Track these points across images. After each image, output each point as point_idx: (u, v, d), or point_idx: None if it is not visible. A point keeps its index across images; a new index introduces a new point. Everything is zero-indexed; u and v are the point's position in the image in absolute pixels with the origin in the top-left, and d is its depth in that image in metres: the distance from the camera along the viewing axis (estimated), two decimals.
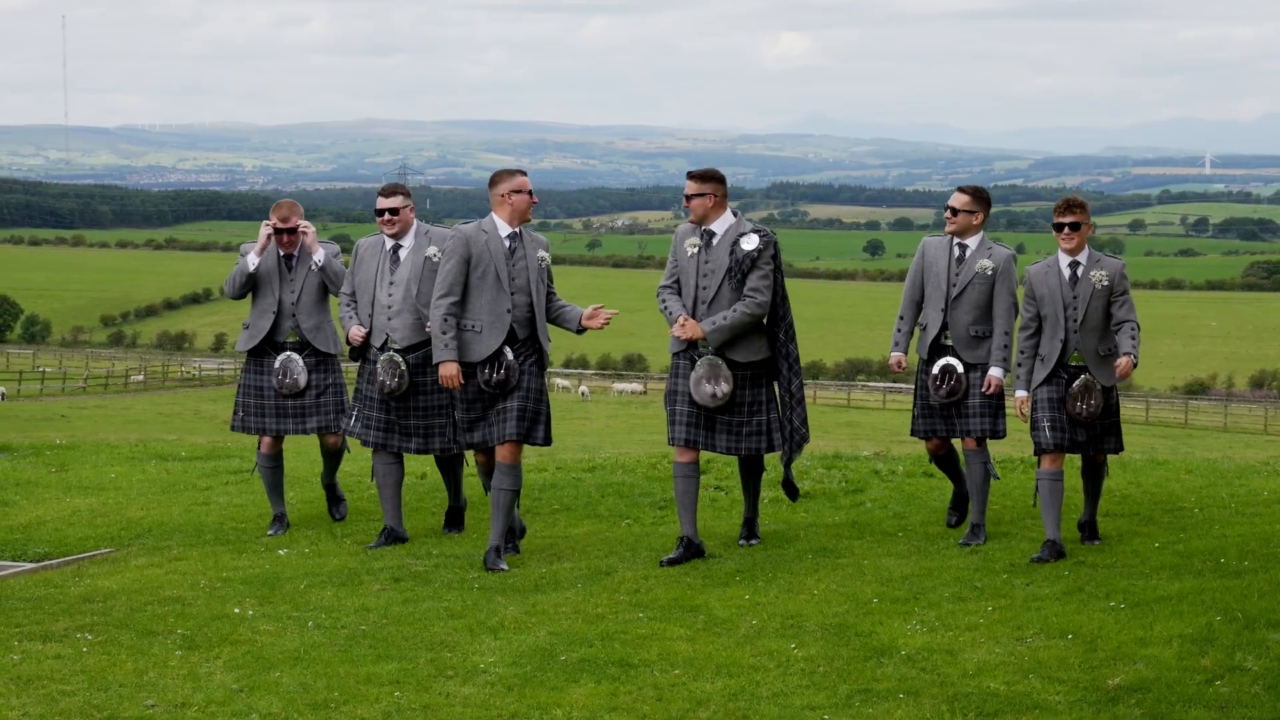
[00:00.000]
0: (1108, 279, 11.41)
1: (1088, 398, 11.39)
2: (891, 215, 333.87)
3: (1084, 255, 11.51)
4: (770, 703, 8.07)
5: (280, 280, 12.70)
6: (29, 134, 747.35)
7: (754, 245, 11.27)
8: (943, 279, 12.04)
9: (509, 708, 8.02)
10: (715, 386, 11.32)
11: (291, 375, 12.69)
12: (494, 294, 11.39)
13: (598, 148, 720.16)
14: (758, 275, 11.29)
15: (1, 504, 14.97)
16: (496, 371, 11.36)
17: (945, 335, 12.07)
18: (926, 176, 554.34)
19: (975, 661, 8.72)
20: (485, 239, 11.43)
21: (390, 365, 12.04)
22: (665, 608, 10.09)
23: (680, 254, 11.55)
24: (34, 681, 8.46)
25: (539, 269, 11.49)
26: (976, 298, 11.98)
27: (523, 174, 11.72)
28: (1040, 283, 11.49)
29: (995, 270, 11.96)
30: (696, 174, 11.56)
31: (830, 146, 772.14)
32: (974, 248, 12.07)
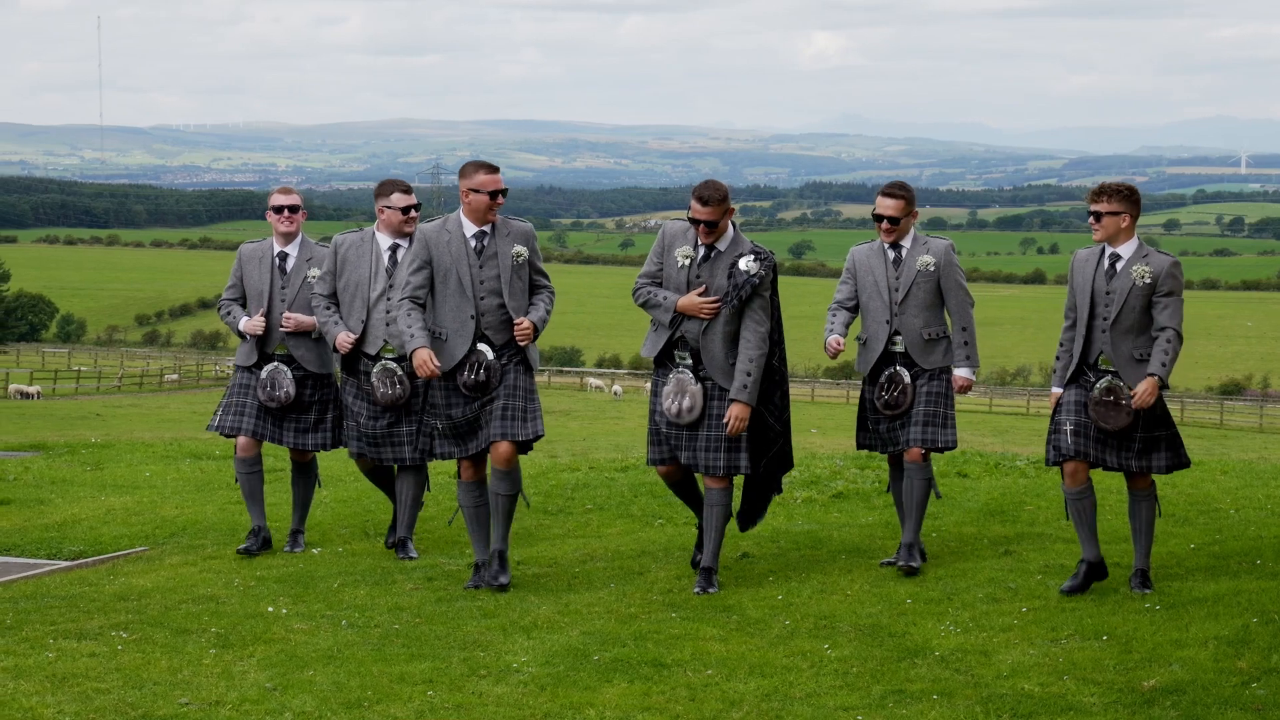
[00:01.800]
0: (1150, 276, 10.12)
1: (1110, 408, 10.17)
2: (924, 215, 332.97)
3: (1128, 247, 10.24)
4: (803, 703, 8.06)
5: (272, 293, 11.95)
6: (64, 134, 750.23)
7: (754, 269, 10.39)
8: (882, 287, 11.15)
9: (542, 707, 8.01)
10: (681, 401, 10.54)
11: (281, 388, 11.94)
12: (457, 300, 10.60)
13: (630, 147, 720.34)
14: (759, 303, 10.45)
15: (37, 502, 15.02)
16: (475, 374, 10.60)
17: (894, 343, 11.14)
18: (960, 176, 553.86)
19: (1009, 663, 8.69)
20: (446, 240, 10.64)
21: (386, 375, 11.50)
22: (698, 608, 10.08)
23: (669, 260, 10.65)
24: (69, 679, 8.48)
25: (511, 267, 10.65)
26: (924, 298, 11.13)
27: (489, 170, 10.80)
28: (1079, 271, 10.40)
29: (937, 264, 11.15)
30: (706, 196, 10.38)
31: (863, 146, 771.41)
32: (909, 247, 11.22)
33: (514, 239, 10.71)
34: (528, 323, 10.63)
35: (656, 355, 10.72)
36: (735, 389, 10.39)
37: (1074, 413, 10.25)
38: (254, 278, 12.00)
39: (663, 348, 10.65)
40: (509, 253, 10.67)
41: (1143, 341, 10.19)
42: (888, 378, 11.13)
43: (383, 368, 11.50)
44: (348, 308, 11.61)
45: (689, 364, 10.56)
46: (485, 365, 10.61)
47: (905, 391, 11.06)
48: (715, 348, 10.49)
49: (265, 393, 11.94)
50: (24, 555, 12.56)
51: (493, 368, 10.62)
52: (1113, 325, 10.16)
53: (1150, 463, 10.32)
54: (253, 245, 12.17)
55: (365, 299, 11.55)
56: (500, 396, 10.66)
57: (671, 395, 10.59)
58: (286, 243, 12.00)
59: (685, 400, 10.53)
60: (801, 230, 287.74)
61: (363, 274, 11.57)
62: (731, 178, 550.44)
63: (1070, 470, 10.27)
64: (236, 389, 12.08)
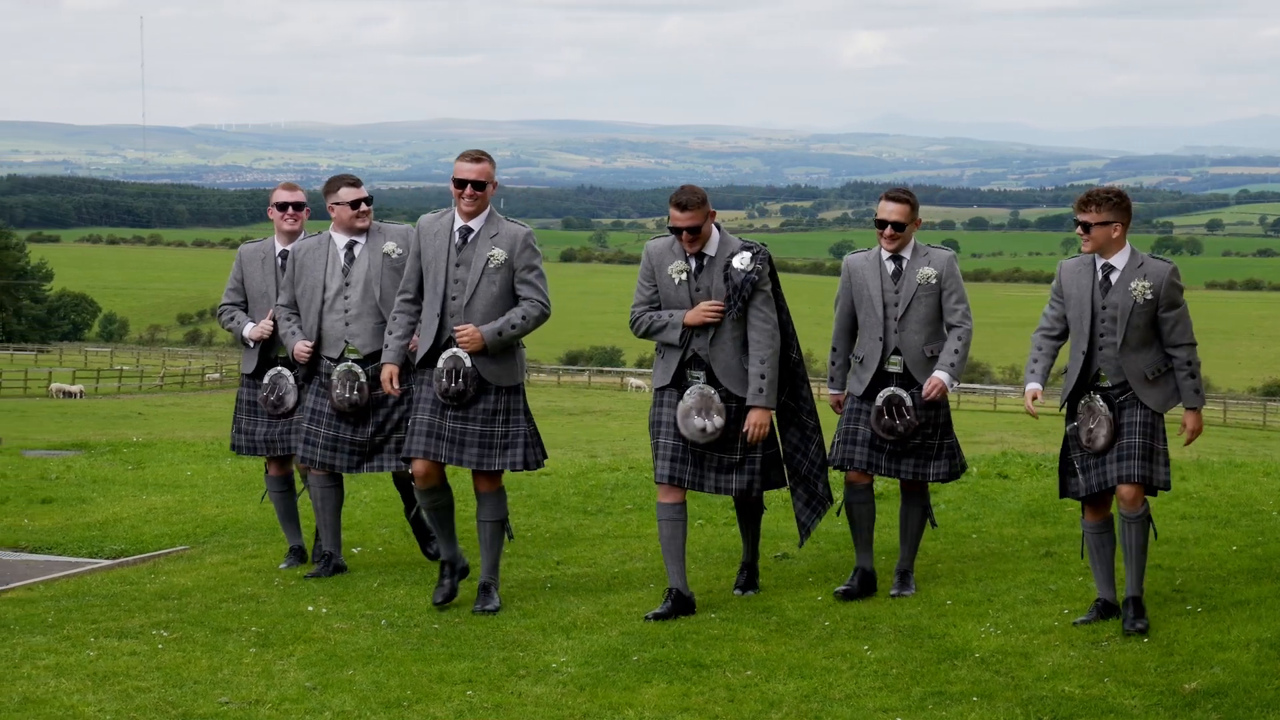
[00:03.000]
0: (1151, 291, 9.37)
1: (1089, 422, 9.52)
2: (966, 215, 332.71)
3: (1121, 257, 9.49)
4: (843, 704, 8.04)
5: (274, 295, 11.43)
6: (107, 134, 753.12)
7: (749, 266, 9.87)
8: (877, 301, 10.33)
9: (581, 707, 8.02)
10: (706, 420, 9.94)
11: (278, 393, 11.36)
12: (430, 296, 10.06)
13: (671, 147, 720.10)
14: (761, 299, 9.94)
15: (79, 501, 15.08)
16: (454, 381, 9.96)
17: (891, 362, 10.32)
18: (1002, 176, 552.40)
19: (1050, 665, 8.67)
20: (436, 231, 10.11)
21: (348, 377, 10.88)
22: (737, 608, 10.07)
23: (663, 280, 10.04)
24: (110, 678, 8.51)
25: (483, 270, 9.96)
26: (925, 313, 10.33)
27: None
28: (1071, 283, 9.60)
29: (940, 277, 10.35)
30: (684, 201, 9.88)
31: (904, 146, 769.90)
32: (910, 257, 10.41)
33: (499, 240, 10.02)
34: (469, 329, 9.91)
35: (669, 382, 10.09)
36: (751, 394, 9.92)
37: (1078, 448, 9.63)
38: (256, 279, 11.54)
39: (675, 372, 10.05)
40: (485, 254, 10.00)
41: (1153, 358, 9.47)
42: (886, 400, 10.30)
43: (347, 369, 10.90)
44: (305, 311, 11.05)
45: (703, 381, 10.01)
46: (463, 373, 9.96)
47: (908, 416, 10.26)
48: (727, 356, 9.96)
49: (263, 396, 11.43)
50: (66, 554, 12.61)
51: (470, 376, 9.96)
52: (1121, 347, 9.41)
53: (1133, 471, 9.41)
54: (253, 245, 11.72)
55: (320, 301, 10.97)
56: (478, 420, 10.05)
57: (695, 411, 9.96)
58: (289, 241, 11.48)
59: (715, 418, 9.93)
60: (843, 230, 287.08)
61: (318, 277, 10.99)
62: (772, 178, 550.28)
63: (1093, 508, 9.69)
64: (244, 406, 11.61)
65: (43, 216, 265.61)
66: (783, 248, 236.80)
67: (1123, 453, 9.43)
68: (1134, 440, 9.42)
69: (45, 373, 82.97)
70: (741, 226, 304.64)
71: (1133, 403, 9.46)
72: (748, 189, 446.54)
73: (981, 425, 55.74)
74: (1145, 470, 9.41)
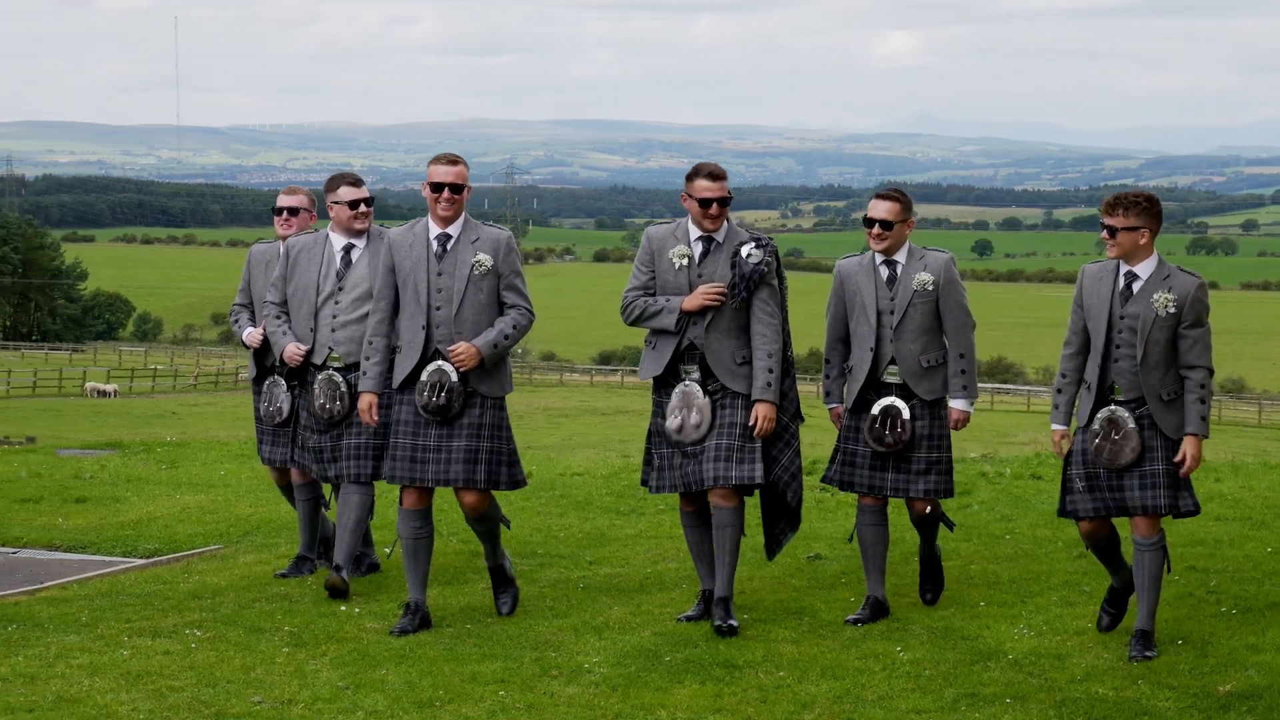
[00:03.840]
0: (1175, 305, 8.81)
1: (1110, 437, 8.93)
2: (1000, 215, 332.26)
3: (1146, 266, 8.90)
4: (875, 706, 8.03)
5: None
6: (142, 134, 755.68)
7: (759, 257, 9.49)
8: (871, 309, 9.73)
9: (613, 708, 8.01)
10: (685, 417, 9.54)
11: (275, 403, 10.98)
12: (412, 309, 9.59)
13: (704, 147, 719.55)
14: (768, 292, 9.55)
15: (113, 500, 15.12)
16: (435, 396, 9.52)
17: (889, 373, 9.74)
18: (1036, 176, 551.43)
19: (1084, 667, 8.64)
20: (410, 242, 9.67)
21: (329, 386, 10.46)
22: (770, 609, 10.06)
23: (663, 265, 9.67)
24: (143, 677, 8.54)
25: (468, 276, 9.56)
26: (922, 321, 9.73)
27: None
28: (1092, 290, 9.03)
29: (937, 283, 9.72)
30: (716, 170, 9.62)
31: (938, 146, 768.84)
32: (905, 261, 9.78)
33: (482, 246, 9.62)
34: (464, 347, 9.50)
35: (660, 374, 9.68)
36: (758, 389, 9.48)
37: (1086, 464, 9.05)
38: (260, 283, 11.24)
39: (667, 363, 9.64)
40: (469, 260, 9.59)
41: (1171, 378, 8.87)
42: (884, 410, 9.74)
43: (328, 378, 10.48)
44: (295, 314, 10.68)
45: (696, 378, 9.58)
46: (448, 388, 9.52)
47: (904, 428, 9.67)
48: (721, 346, 9.54)
49: (264, 409, 11.10)
50: (100, 553, 12.65)
51: (455, 390, 9.53)
52: (1142, 362, 8.83)
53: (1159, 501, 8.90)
54: (264, 247, 11.40)
55: (312, 304, 10.58)
56: (463, 435, 9.59)
57: (677, 410, 9.58)
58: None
59: (693, 415, 9.53)
60: None
61: (311, 277, 10.60)
62: (805, 178, 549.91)
63: (1088, 530, 9.20)
64: (258, 415, 11.34)
65: (78, 216, 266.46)
66: (816, 248, 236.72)
67: (1146, 479, 8.91)
68: (1157, 467, 8.89)
69: (80, 372, 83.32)
70: (775, 226, 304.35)
71: (1152, 424, 8.91)
72: (781, 189, 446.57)
73: (1015, 425, 55.68)
74: (1171, 499, 8.90)
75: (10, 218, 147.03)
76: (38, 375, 79.49)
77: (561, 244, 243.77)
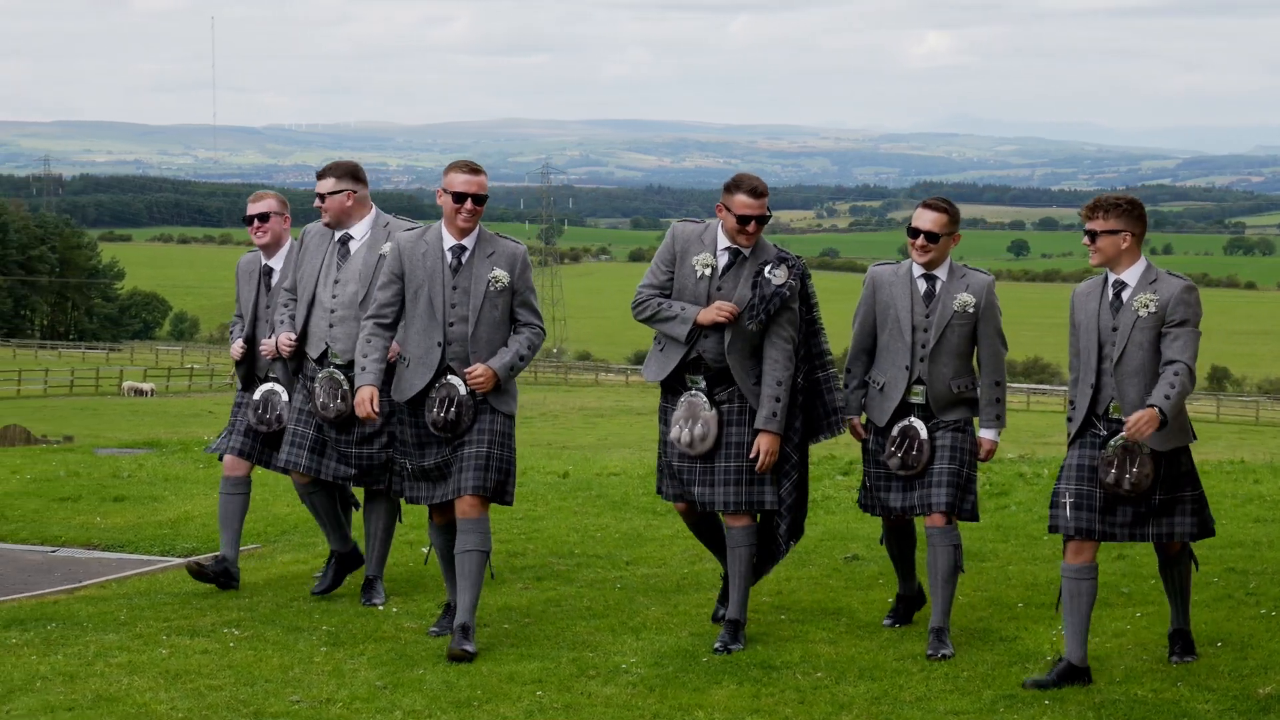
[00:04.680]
0: (1156, 304, 8.38)
1: (1128, 465, 8.39)
2: (1036, 215, 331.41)
3: (1133, 272, 8.49)
4: (913, 707, 8.02)
5: (256, 311, 10.79)
6: (178, 133, 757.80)
7: (784, 279, 9.08)
8: (906, 325, 9.25)
9: (651, 708, 8.01)
10: (690, 430, 9.19)
11: (274, 410, 10.57)
12: (424, 322, 9.23)
13: (740, 147, 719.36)
14: (787, 316, 9.14)
15: (150, 499, 15.16)
16: (445, 411, 9.18)
17: (914, 393, 9.28)
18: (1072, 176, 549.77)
19: (1123, 669, 8.62)
20: (423, 252, 9.26)
21: (330, 384, 10.08)
22: (807, 610, 10.05)
23: (684, 269, 9.24)
24: (182, 676, 8.56)
25: (485, 293, 9.21)
26: (958, 344, 9.25)
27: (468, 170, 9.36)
28: (1081, 308, 8.63)
29: (978, 305, 9.25)
30: (759, 188, 9.15)
31: (974, 146, 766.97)
32: (945, 278, 9.29)
33: (497, 260, 9.27)
34: (481, 369, 9.17)
35: (665, 379, 9.36)
36: (763, 418, 9.11)
37: (1075, 480, 8.56)
38: (244, 294, 10.86)
39: (673, 370, 9.29)
40: (486, 275, 9.24)
41: (1152, 387, 8.37)
42: (901, 431, 9.27)
43: (329, 375, 10.10)
44: (299, 302, 10.31)
45: (702, 388, 9.22)
46: (457, 402, 9.19)
47: (922, 449, 9.22)
48: (744, 370, 9.15)
49: (256, 415, 10.63)
50: (138, 552, 12.68)
51: (464, 404, 9.20)
52: (1117, 365, 8.41)
53: (1171, 528, 8.57)
54: (249, 257, 11.00)
55: (310, 294, 10.20)
56: (475, 443, 9.22)
57: (682, 422, 9.22)
58: (270, 255, 10.78)
59: (698, 428, 9.17)
60: None
61: (314, 265, 10.23)
62: (841, 177, 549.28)
63: (1074, 548, 8.57)
64: (235, 408, 10.93)
65: (115, 216, 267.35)
66: (851, 248, 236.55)
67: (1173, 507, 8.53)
68: (1185, 493, 8.53)
69: (117, 371, 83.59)
70: (810, 226, 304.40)
71: None
72: (816, 189, 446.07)
73: (1051, 426, 55.45)
74: (1197, 527, 8.57)
75: (48, 217, 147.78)
76: (75, 374, 79.75)
77: (597, 244, 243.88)
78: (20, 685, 8.40)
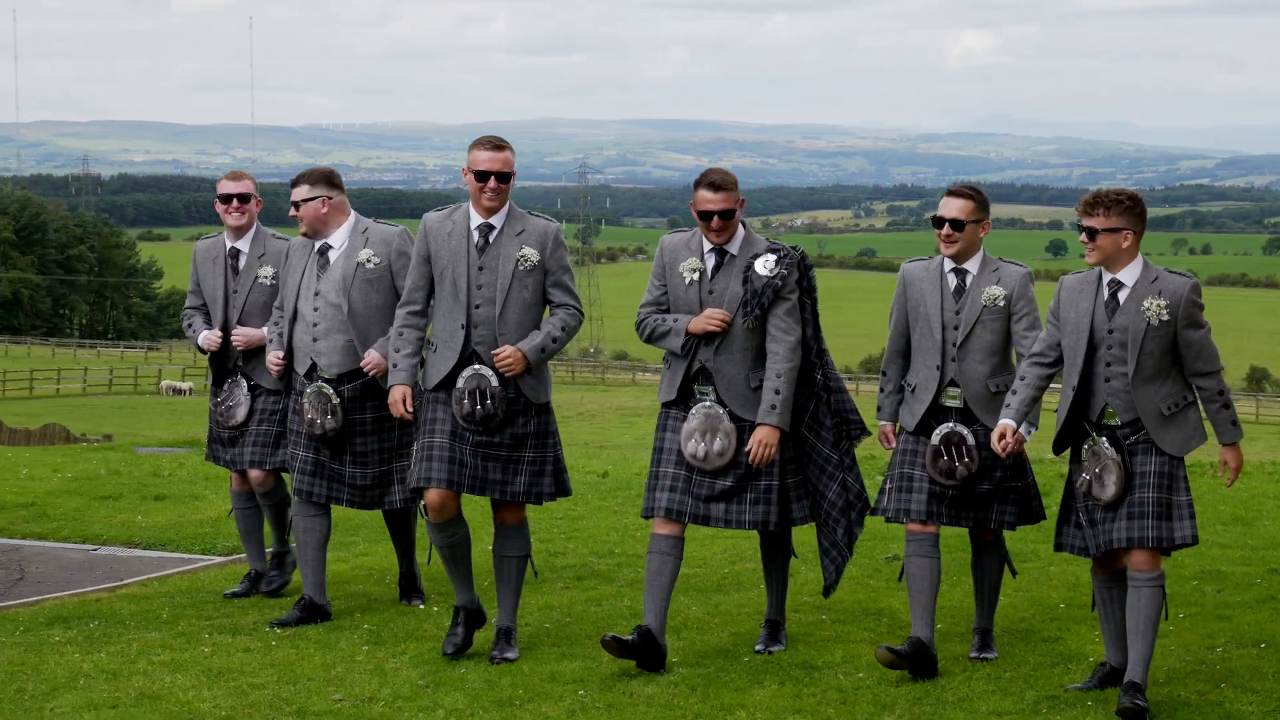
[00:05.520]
0: (1168, 311, 7.93)
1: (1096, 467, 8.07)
2: (1074, 215, 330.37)
3: (1130, 271, 8.07)
4: (956, 708, 8.00)
5: (226, 297, 10.41)
6: (216, 133, 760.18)
7: (773, 270, 8.65)
8: (935, 322, 8.73)
9: (693, 708, 8.01)
10: (702, 443, 8.72)
11: (229, 403, 10.34)
12: (449, 305, 8.84)
13: (777, 147, 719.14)
14: (785, 308, 8.72)
15: (191, 498, 15.21)
16: (480, 404, 8.76)
17: (948, 395, 8.75)
18: (1110, 176, 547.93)
19: (1165, 670, 8.59)
20: (449, 232, 8.90)
21: (320, 400, 9.64)
22: (849, 610, 10.04)
23: (674, 280, 8.85)
24: (225, 674, 8.58)
25: (513, 272, 8.81)
26: (991, 340, 8.71)
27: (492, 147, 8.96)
28: (1070, 304, 8.19)
29: (1009, 298, 8.71)
30: (718, 180, 8.76)
31: (1012, 145, 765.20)
32: (976, 272, 8.78)
33: (527, 239, 8.87)
34: (509, 351, 8.76)
35: (674, 397, 8.88)
36: (762, 410, 8.68)
37: (1083, 498, 8.19)
38: (209, 280, 10.47)
39: (680, 385, 8.84)
40: (514, 254, 8.85)
41: (1169, 390, 8.03)
42: (944, 438, 8.69)
43: (318, 391, 9.64)
44: (285, 317, 9.87)
45: (712, 400, 8.77)
46: (489, 394, 8.78)
47: (972, 457, 8.63)
48: (733, 370, 8.74)
49: (221, 409, 10.38)
50: (179, 550, 12.70)
51: (497, 396, 8.77)
52: (1135, 375, 7.95)
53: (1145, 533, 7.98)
54: (207, 242, 10.63)
55: (293, 308, 9.78)
56: (505, 445, 8.87)
57: (698, 434, 8.71)
58: (238, 237, 10.40)
59: (717, 442, 8.70)
60: None
61: (296, 278, 9.82)
62: (878, 177, 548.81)
63: (1099, 562, 8.29)
64: (210, 415, 10.65)
65: (153, 215, 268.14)
66: (889, 247, 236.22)
67: (1134, 509, 8.00)
68: (1147, 495, 7.98)
69: (155, 370, 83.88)
70: (848, 226, 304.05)
71: (1146, 448, 8.02)
72: (854, 188, 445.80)
73: None
74: (1160, 531, 7.95)
75: (86, 217, 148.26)
76: (113, 373, 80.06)
77: (634, 243, 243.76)
78: (64, 683, 8.44)
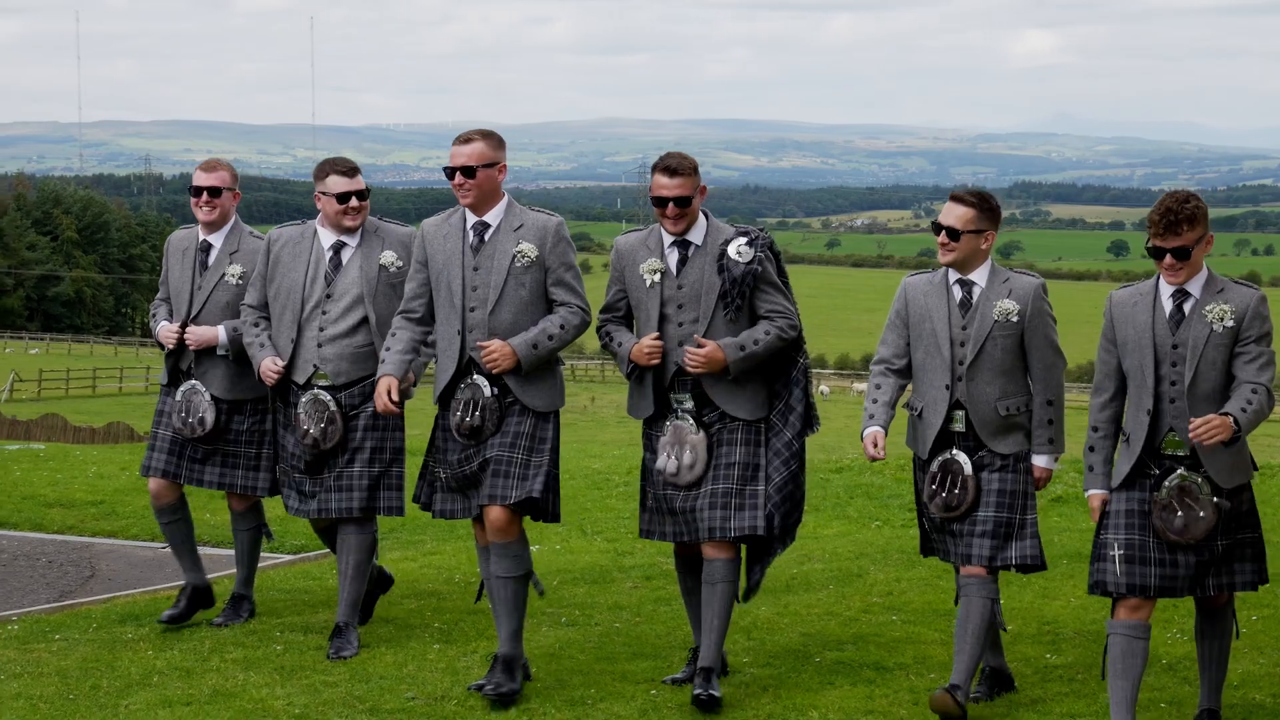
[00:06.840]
0: (1233, 318, 7.28)
1: (1186, 507, 7.32)
2: (1136, 215, 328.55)
3: (1198, 282, 7.37)
4: (1030, 710, 7.97)
5: (191, 293, 9.66)
6: (278, 133, 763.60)
7: (750, 255, 8.07)
8: (943, 340, 8.02)
9: (765, 708, 7.99)
10: (679, 457, 8.20)
11: (196, 413, 9.56)
12: (446, 311, 8.29)
13: (837, 146, 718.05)
14: (769, 289, 8.16)
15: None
16: (469, 415, 8.19)
17: (954, 419, 8.02)
18: (1172, 176, 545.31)
19: (1239, 672, 8.54)
20: (445, 233, 8.36)
21: (315, 407, 9.05)
22: (919, 611, 10.01)
23: (633, 281, 8.26)
24: (297, 672, 8.61)
25: (508, 269, 8.21)
26: (1001, 359, 7.94)
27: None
28: (1126, 321, 7.48)
29: (1022, 313, 7.93)
30: (674, 165, 8.21)
31: (1073, 145, 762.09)
32: (984, 284, 8.02)
33: (525, 234, 8.26)
34: (496, 345, 8.13)
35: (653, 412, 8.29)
36: (727, 343, 8.05)
37: (1125, 528, 7.45)
38: (175, 273, 9.71)
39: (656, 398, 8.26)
40: (510, 250, 8.25)
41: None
42: (941, 466, 8.02)
43: (313, 399, 9.06)
44: (277, 320, 9.19)
45: (689, 408, 8.17)
46: (481, 405, 8.20)
47: (966, 487, 7.94)
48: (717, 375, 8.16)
49: (180, 418, 9.61)
50: None
51: (489, 408, 8.19)
52: (1190, 389, 7.29)
53: (1229, 577, 7.50)
54: (182, 233, 9.84)
55: (296, 311, 9.12)
56: (494, 447, 8.22)
57: (668, 448, 8.19)
58: (211, 231, 9.63)
59: (685, 454, 8.14)
60: (1010, 230, 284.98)
61: (297, 278, 9.14)
62: (939, 177, 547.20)
63: (1130, 604, 7.44)
64: (157, 416, 9.87)
65: None
66: None
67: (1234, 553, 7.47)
68: (1245, 536, 7.47)
69: None
70: (908, 226, 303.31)
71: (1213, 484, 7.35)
72: (914, 188, 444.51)
73: None
74: (1255, 574, 7.51)
75: (148, 216, 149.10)
76: None
77: None
78: (138, 680, 8.49)
